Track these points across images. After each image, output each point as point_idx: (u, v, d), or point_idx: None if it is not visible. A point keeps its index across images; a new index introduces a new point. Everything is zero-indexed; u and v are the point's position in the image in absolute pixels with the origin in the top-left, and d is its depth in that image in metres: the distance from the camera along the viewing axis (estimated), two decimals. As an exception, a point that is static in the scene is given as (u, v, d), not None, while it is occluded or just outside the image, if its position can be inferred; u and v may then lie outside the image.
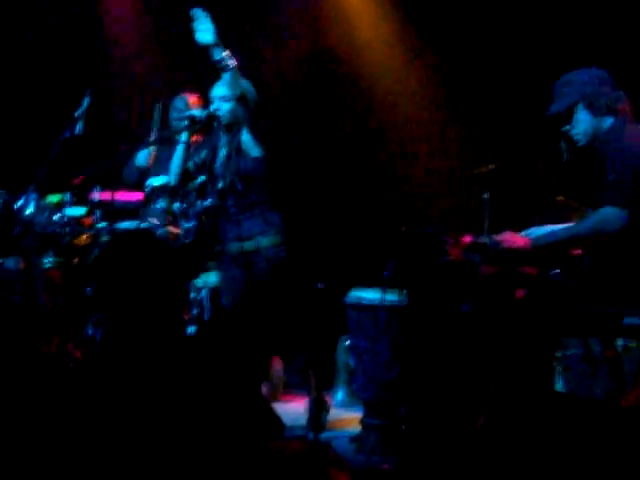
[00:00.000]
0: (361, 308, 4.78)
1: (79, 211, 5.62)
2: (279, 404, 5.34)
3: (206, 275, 5.49)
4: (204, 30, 4.91)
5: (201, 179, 5.31)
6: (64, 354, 5.45)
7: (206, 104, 5.48)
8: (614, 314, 3.91)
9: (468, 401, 4.06)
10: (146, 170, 5.90)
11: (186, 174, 5.42)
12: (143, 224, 5.52)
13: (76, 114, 5.39)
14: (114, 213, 5.55)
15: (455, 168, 6.43)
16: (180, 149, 5.41)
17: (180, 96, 6.20)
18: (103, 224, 5.50)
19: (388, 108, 6.85)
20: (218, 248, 5.33)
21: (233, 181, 5.21)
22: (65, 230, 5.54)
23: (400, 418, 4.48)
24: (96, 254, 5.39)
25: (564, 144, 4.40)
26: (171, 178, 5.45)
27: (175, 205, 5.39)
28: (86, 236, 5.55)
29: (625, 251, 3.99)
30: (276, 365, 5.72)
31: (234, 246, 5.27)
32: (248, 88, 5.23)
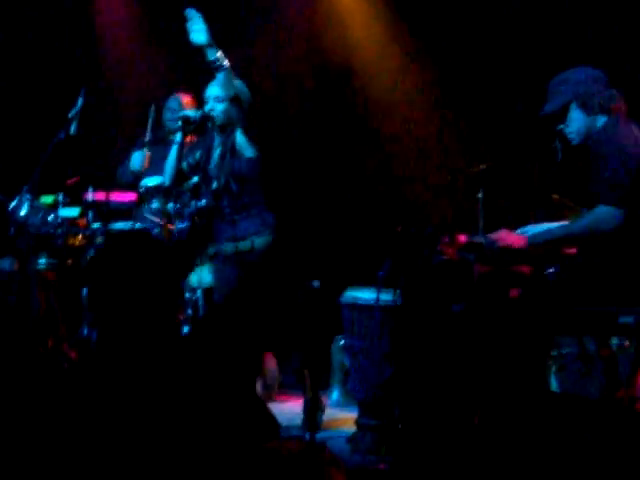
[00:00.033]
0: (356, 308, 4.78)
1: (73, 212, 5.61)
2: (274, 404, 5.35)
3: (200, 274, 5.48)
4: (198, 30, 4.92)
5: (195, 179, 5.31)
6: (59, 355, 5.45)
7: (200, 104, 5.48)
8: (609, 313, 3.92)
9: (463, 401, 4.06)
10: (140, 173, 5.89)
11: (180, 174, 5.41)
12: (137, 224, 5.52)
13: (70, 115, 5.39)
14: (108, 214, 5.54)
15: (450, 167, 6.44)
16: (174, 149, 5.40)
17: (174, 96, 6.20)
18: (97, 225, 5.49)
19: (382, 108, 6.85)
20: (212, 248, 5.33)
21: (228, 182, 5.21)
22: (59, 231, 5.53)
23: (395, 418, 4.48)
24: (91, 255, 5.38)
25: (558, 143, 4.41)
26: (165, 178, 5.44)
27: (169, 205, 5.37)
28: (81, 237, 5.54)
29: (619, 250, 4.00)
30: (271, 365, 5.72)
31: (229, 246, 5.26)
32: (242, 88, 5.22)
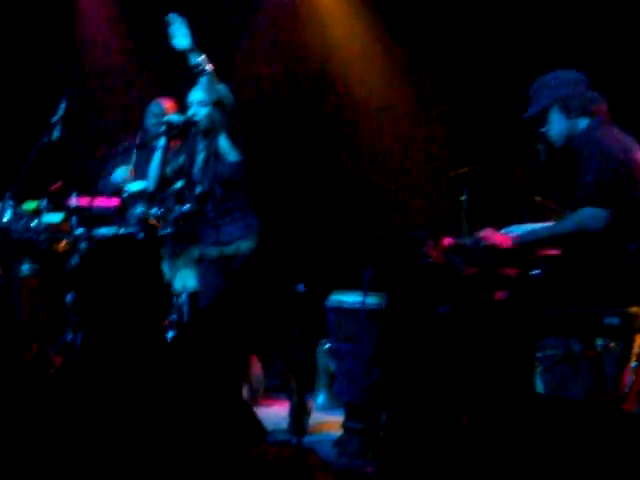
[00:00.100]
0: (342, 311, 4.78)
1: (56, 217, 5.59)
2: (260, 408, 5.34)
3: (184, 279, 5.47)
4: (180, 35, 4.93)
5: (179, 184, 5.30)
6: (43, 360, 5.43)
7: (182, 109, 5.47)
8: (594, 314, 3.94)
9: (450, 403, 4.07)
10: (122, 187, 5.82)
11: (164, 179, 5.40)
12: (122, 230, 5.50)
13: (52, 120, 5.37)
14: (91, 219, 5.52)
15: (433, 170, 6.44)
16: (158, 154, 5.38)
17: (155, 101, 6.17)
18: (81, 230, 5.47)
19: (365, 112, 6.86)
20: (196, 252, 5.32)
21: (212, 186, 5.21)
22: (42, 237, 5.51)
23: (382, 421, 4.49)
24: (75, 260, 5.36)
25: (541, 146, 4.42)
26: (149, 183, 5.43)
27: (153, 210, 5.36)
28: (65, 242, 5.52)
29: (604, 251, 4.02)
30: (256, 369, 5.71)
31: (213, 250, 5.26)
32: (225, 92, 5.23)
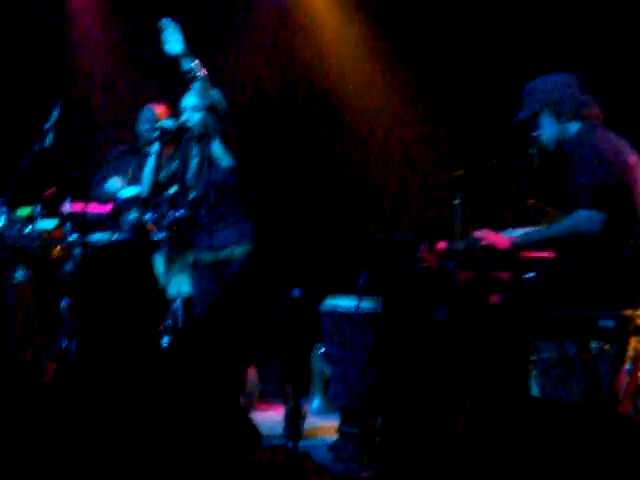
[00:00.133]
0: (336, 316, 4.78)
1: (50, 224, 5.58)
2: (255, 413, 5.33)
3: (179, 284, 5.46)
4: (173, 40, 4.93)
5: (173, 190, 5.30)
6: (37, 367, 5.42)
7: (175, 114, 5.47)
8: (589, 317, 3.94)
9: (445, 407, 4.07)
10: (114, 196, 5.81)
11: (158, 185, 5.40)
12: (116, 235, 5.49)
13: (46, 126, 5.37)
14: (85, 225, 5.51)
15: (427, 174, 6.45)
16: (151, 160, 5.38)
17: (147, 107, 6.15)
18: (75, 236, 5.46)
19: (359, 116, 6.86)
20: (191, 257, 5.32)
21: (205, 191, 5.21)
22: (36, 243, 5.50)
23: (377, 425, 4.49)
24: (69, 266, 5.36)
25: (534, 150, 4.42)
26: (143, 189, 5.43)
27: (147, 216, 5.36)
28: (59, 248, 5.52)
29: (598, 254, 4.02)
30: (251, 374, 5.70)
31: (208, 255, 5.25)
32: (218, 98, 5.23)
